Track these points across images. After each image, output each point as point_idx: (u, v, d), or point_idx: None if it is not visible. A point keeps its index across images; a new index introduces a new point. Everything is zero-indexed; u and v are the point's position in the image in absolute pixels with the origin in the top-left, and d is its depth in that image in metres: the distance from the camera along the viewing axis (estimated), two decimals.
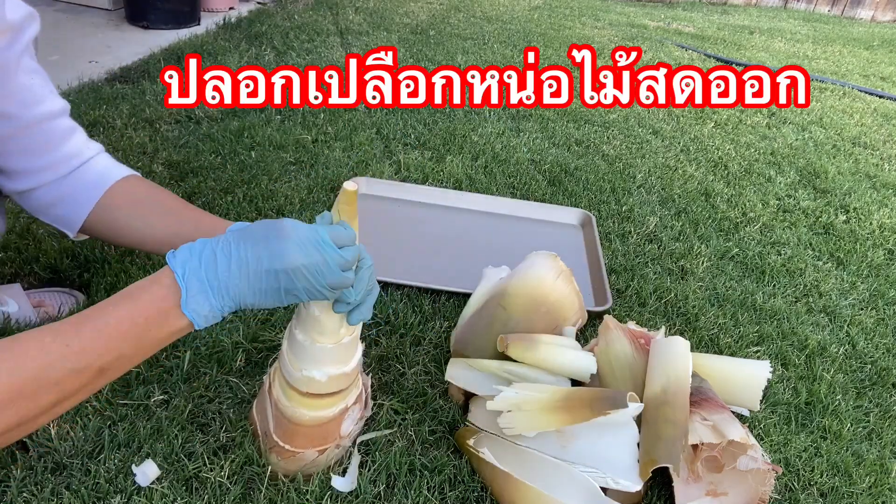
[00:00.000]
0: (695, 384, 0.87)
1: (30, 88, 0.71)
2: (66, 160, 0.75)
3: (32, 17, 0.71)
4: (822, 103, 2.62)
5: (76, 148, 0.76)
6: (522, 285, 0.98)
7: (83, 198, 0.76)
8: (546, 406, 0.78)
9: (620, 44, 3.16)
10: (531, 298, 0.96)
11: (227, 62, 2.13)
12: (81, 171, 0.77)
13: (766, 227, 1.57)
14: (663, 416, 0.80)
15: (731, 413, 0.84)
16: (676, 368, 0.84)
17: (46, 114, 0.73)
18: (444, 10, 3.38)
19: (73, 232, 0.80)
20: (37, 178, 0.75)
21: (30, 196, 0.77)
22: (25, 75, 0.70)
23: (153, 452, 0.77)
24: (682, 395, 0.82)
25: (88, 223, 0.78)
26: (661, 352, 0.88)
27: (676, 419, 0.79)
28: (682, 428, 0.78)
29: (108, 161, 0.79)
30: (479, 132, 1.86)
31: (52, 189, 0.76)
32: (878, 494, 0.89)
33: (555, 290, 0.97)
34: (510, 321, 0.94)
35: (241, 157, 1.51)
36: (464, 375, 0.89)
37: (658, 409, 0.81)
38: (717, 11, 4.73)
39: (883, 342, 1.21)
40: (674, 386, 0.82)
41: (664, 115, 2.24)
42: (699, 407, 0.84)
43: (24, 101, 0.70)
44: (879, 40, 4.20)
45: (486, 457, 0.79)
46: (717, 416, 0.82)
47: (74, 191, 0.76)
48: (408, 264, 1.23)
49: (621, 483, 0.74)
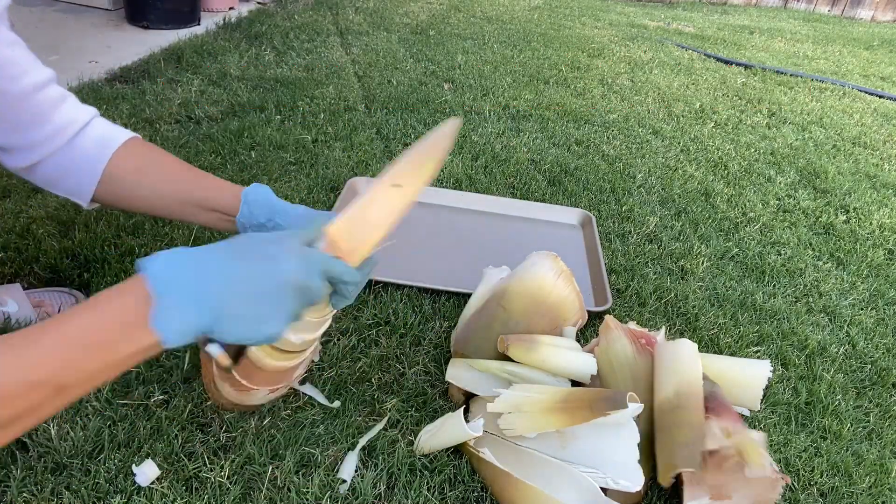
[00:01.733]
0: (708, 388, 0.86)
1: (12, 60, 0.68)
2: (61, 130, 0.73)
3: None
4: (822, 103, 2.62)
5: (70, 115, 0.74)
6: (523, 285, 0.98)
7: (88, 167, 0.74)
8: (546, 407, 0.78)
9: (620, 44, 3.16)
10: (531, 299, 0.96)
11: (227, 62, 2.13)
12: (80, 138, 0.74)
13: (766, 227, 1.57)
14: (678, 420, 0.79)
15: (744, 425, 0.84)
16: (687, 372, 0.84)
17: (33, 84, 0.70)
18: (444, 10, 3.38)
19: (86, 202, 0.78)
20: (36, 152, 0.73)
21: (35, 171, 0.75)
22: (6, 48, 0.67)
23: (153, 452, 0.77)
24: (695, 397, 0.81)
25: (98, 192, 0.77)
26: (669, 356, 0.88)
27: (692, 422, 0.78)
28: (698, 430, 0.78)
29: (105, 126, 0.77)
30: (479, 132, 1.86)
31: (55, 161, 0.74)
32: (878, 494, 0.89)
33: (555, 291, 0.97)
34: (510, 321, 0.94)
35: (241, 157, 1.51)
36: (464, 376, 0.89)
37: (672, 413, 0.80)
38: (717, 11, 4.73)
39: (883, 342, 1.21)
40: (686, 389, 0.82)
41: (664, 115, 2.25)
42: (717, 416, 0.83)
43: (9, 74, 0.68)
44: (879, 40, 4.20)
45: (486, 457, 0.79)
46: (734, 426, 0.81)
47: (78, 161, 0.74)
48: (408, 264, 1.23)
49: (621, 483, 0.74)
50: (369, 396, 0.90)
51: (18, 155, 0.73)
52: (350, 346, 0.99)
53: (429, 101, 2.04)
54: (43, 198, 1.25)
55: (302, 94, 1.95)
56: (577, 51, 2.92)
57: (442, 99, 2.08)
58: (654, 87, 2.53)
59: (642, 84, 2.56)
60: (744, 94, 2.60)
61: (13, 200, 1.23)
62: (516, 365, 0.87)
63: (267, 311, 0.53)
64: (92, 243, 1.13)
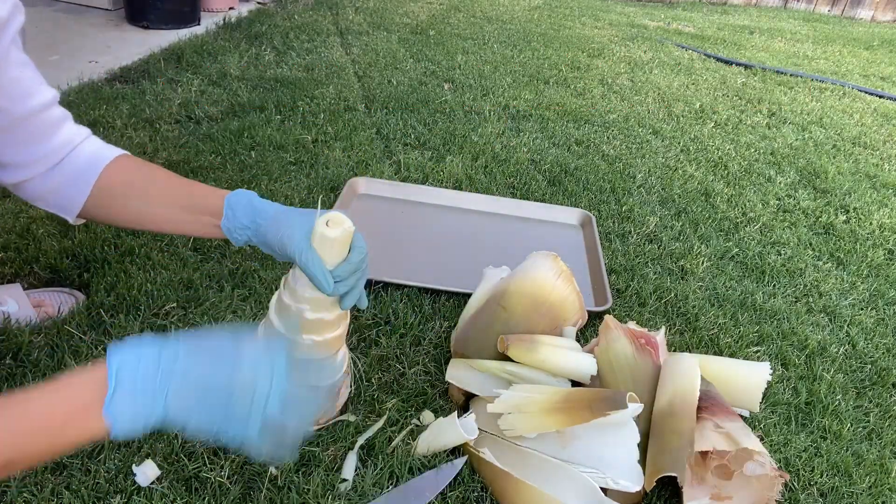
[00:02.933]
0: (702, 388, 0.87)
1: (19, 81, 0.69)
2: (58, 150, 0.74)
3: (17, 9, 0.69)
4: (822, 103, 2.62)
5: (67, 136, 0.75)
6: (523, 285, 0.98)
7: (78, 184, 0.75)
8: (546, 407, 0.78)
9: (620, 44, 3.16)
10: (531, 299, 0.96)
11: (227, 62, 2.13)
12: (72, 156, 0.75)
13: (766, 227, 1.57)
14: (669, 427, 0.81)
15: (742, 420, 0.84)
16: (683, 383, 0.85)
17: (38, 106, 0.71)
18: (444, 10, 3.38)
19: (72, 217, 0.79)
20: (30, 169, 0.74)
21: (24, 187, 0.76)
22: (15, 68, 0.69)
23: (153, 452, 0.77)
24: (688, 407, 0.82)
25: (86, 208, 0.77)
26: (670, 368, 0.89)
27: (682, 430, 0.79)
28: (687, 438, 0.78)
29: (97, 144, 0.78)
30: (478, 132, 1.86)
31: (46, 179, 0.75)
32: (878, 494, 0.89)
33: (555, 291, 0.97)
34: (510, 321, 0.94)
35: (241, 157, 1.51)
36: (464, 376, 0.89)
37: (665, 420, 0.82)
38: (717, 11, 4.73)
39: (883, 342, 1.21)
40: (679, 399, 0.83)
41: (664, 115, 2.25)
42: (711, 413, 0.84)
43: (15, 94, 0.69)
44: (879, 40, 4.20)
45: (486, 457, 0.79)
46: (731, 424, 0.82)
47: (68, 178, 0.75)
48: (408, 264, 1.23)
49: (621, 483, 0.74)
50: (369, 396, 0.90)
51: (10, 171, 0.73)
52: (350, 346, 0.99)
53: (429, 101, 2.04)
54: None
55: (302, 94, 1.95)
56: (577, 51, 2.92)
57: (442, 99, 2.08)
58: (654, 87, 2.53)
59: (642, 84, 2.56)
60: (744, 94, 2.60)
61: (13, 200, 1.23)
62: (516, 365, 0.87)
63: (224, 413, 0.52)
64: (92, 243, 1.13)
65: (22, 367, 0.87)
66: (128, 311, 0.99)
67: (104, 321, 0.96)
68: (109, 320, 0.96)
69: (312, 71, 2.18)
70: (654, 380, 0.90)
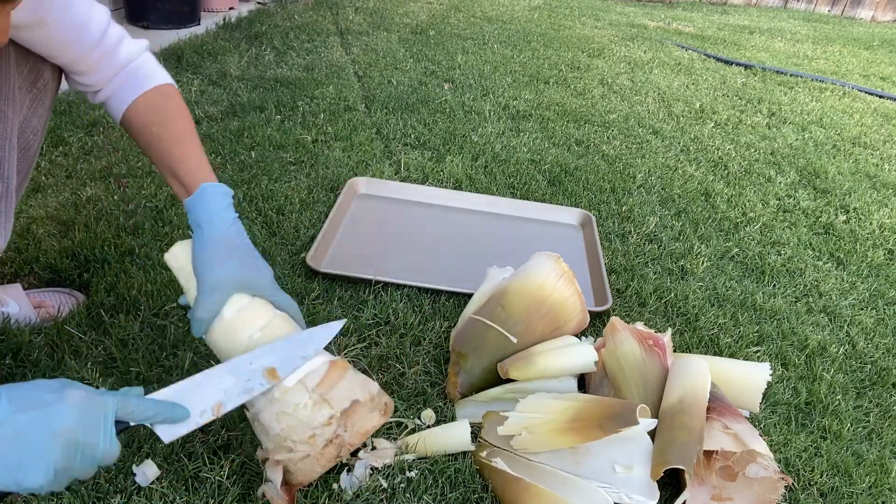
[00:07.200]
0: (710, 389, 0.87)
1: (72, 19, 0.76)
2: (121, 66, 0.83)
3: None
4: (822, 103, 2.62)
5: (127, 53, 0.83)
6: (523, 286, 0.98)
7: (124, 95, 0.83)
8: (555, 427, 0.77)
9: (620, 44, 3.16)
10: (532, 299, 0.96)
11: (227, 62, 2.13)
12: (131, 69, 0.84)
13: (766, 227, 1.57)
14: (679, 422, 0.80)
15: (749, 423, 0.84)
16: (694, 382, 0.85)
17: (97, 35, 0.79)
18: (444, 10, 3.38)
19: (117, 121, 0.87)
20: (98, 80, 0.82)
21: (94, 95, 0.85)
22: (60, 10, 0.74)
23: (153, 452, 0.77)
24: (698, 405, 0.82)
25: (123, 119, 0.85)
26: (680, 370, 0.89)
27: (692, 426, 0.79)
28: (697, 434, 0.78)
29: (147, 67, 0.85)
30: (479, 132, 1.86)
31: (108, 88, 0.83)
32: (878, 494, 0.89)
33: (556, 292, 0.97)
34: (510, 321, 0.94)
35: (241, 157, 1.51)
36: (474, 413, 0.89)
37: (674, 416, 0.81)
38: (717, 11, 4.73)
39: (883, 342, 1.21)
40: (690, 397, 0.83)
41: (664, 115, 2.25)
42: (720, 414, 0.84)
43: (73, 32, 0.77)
44: (879, 40, 4.20)
45: (497, 465, 0.79)
46: (739, 426, 0.82)
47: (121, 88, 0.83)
48: (408, 264, 1.23)
49: (635, 498, 0.74)
50: None
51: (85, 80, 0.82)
52: (350, 345, 0.99)
53: (429, 101, 2.04)
54: (43, 198, 1.25)
55: (302, 94, 1.95)
56: (577, 51, 2.92)
57: (442, 99, 2.08)
58: (654, 87, 2.53)
59: (642, 84, 2.56)
60: (744, 94, 2.60)
61: None
62: (520, 383, 0.87)
63: (26, 460, 0.51)
64: (92, 243, 1.13)
65: (22, 367, 0.87)
66: (128, 311, 0.99)
67: (104, 321, 0.96)
68: (109, 320, 0.96)
69: (312, 71, 2.18)
70: (663, 381, 0.89)
